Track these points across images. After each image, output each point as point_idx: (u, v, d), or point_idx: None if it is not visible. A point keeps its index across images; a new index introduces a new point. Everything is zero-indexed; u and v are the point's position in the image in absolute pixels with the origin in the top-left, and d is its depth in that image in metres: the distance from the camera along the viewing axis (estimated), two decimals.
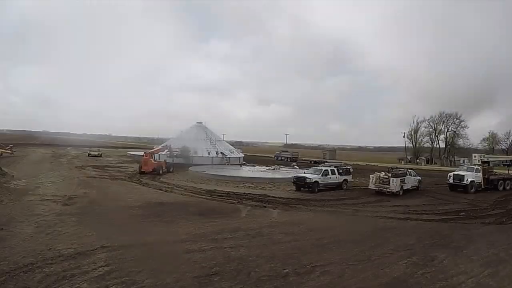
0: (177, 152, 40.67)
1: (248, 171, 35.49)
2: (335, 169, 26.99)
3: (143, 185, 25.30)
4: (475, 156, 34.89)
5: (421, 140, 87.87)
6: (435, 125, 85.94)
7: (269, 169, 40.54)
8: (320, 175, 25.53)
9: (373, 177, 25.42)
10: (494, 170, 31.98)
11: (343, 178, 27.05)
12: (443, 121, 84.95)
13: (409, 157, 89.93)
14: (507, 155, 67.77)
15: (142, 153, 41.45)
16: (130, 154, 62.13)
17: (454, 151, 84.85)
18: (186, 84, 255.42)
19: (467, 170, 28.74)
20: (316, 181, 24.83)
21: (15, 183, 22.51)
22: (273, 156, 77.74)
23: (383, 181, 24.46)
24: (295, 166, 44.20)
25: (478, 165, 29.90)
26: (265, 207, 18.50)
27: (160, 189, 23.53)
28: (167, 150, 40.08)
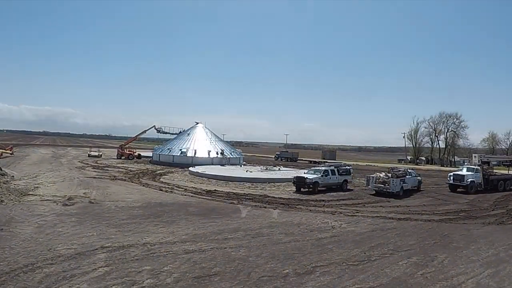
0: None
1: (248, 172, 35.44)
2: (335, 169, 26.99)
3: (143, 186, 25.29)
4: (475, 156, 34.85)
5: (421, 140, 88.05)
6: (435, 125, 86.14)
7: (269, 169, 40.51)
8: (320, 175, 25.52)
9: (373, 177, 25.43)
10: (494, 170, 32.01)
11: (343, 179, 27.05)
12: (443, 121, 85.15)
13: (409, 157, 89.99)
14: (507, 155, 67.79)
15: (142, 154, 56.14)
16: None
17: (454, 151, 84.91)
18: None
19: (467, 171, 28.76)
20: (316, 181, 24.83)
21: (15, 183, 22.50)
22: (273, 156, 77.88)
23: (384, 181, 24.47)
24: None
25: (478, 165, 29.89)
26: (265, 207, 18.51)
27: (160, 189, 23.52)
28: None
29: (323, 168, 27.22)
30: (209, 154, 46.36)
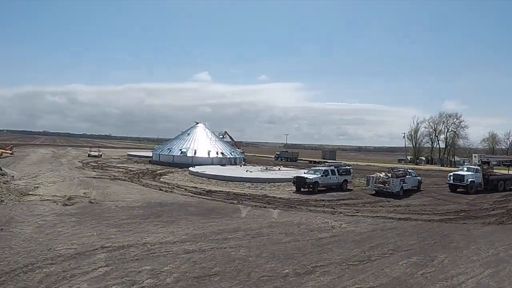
0: None
1: (248, 172, 35.44)
2: (335, 169, 26.98)
3: (143, 186, 25.29)
4: (475, 156, 34.84)
5: (421, 140, 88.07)
6: (435, 125, 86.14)
7: (269, 169, 40.51)
8: (320, 175, 25.52)
9: (373, 177, 25.43)
10: (494, 170, 32.00)
11: (343, 179, 27.04)
12: (443, 122, 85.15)
13: (409, 157, 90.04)
14: (507, 155, 67.79)
15: (142, 154, 56.43)
16: (130, 154, 62.31)
17: (454, 151, 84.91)
18: None
19: (467, 170, 28.75)
20: (316, 181, 24.83)
21: (15, 183, 22.49)
22: (273, 156, 77.93)
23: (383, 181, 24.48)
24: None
25: (478, 165, 29.89)
26: (265, 207, 18.51)
27: (160, 189, 23.53)
28: None
29: (323, 168, 27.22)
30: (209, 154, 46.34)
